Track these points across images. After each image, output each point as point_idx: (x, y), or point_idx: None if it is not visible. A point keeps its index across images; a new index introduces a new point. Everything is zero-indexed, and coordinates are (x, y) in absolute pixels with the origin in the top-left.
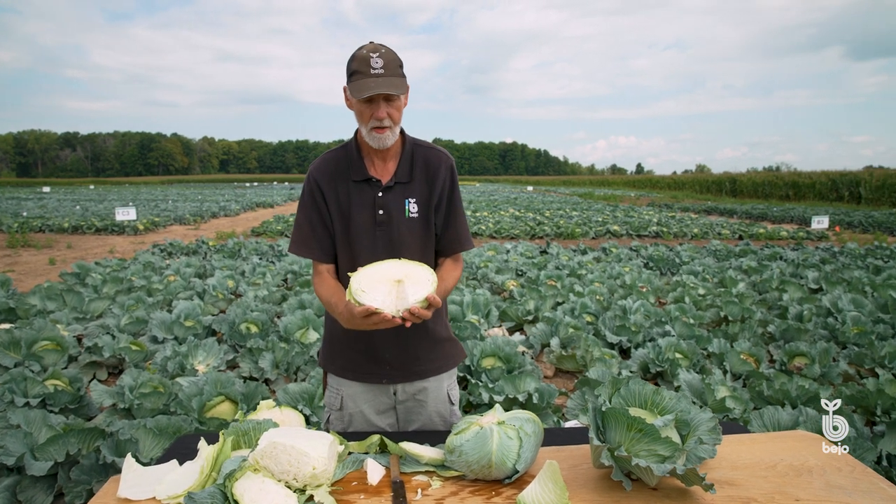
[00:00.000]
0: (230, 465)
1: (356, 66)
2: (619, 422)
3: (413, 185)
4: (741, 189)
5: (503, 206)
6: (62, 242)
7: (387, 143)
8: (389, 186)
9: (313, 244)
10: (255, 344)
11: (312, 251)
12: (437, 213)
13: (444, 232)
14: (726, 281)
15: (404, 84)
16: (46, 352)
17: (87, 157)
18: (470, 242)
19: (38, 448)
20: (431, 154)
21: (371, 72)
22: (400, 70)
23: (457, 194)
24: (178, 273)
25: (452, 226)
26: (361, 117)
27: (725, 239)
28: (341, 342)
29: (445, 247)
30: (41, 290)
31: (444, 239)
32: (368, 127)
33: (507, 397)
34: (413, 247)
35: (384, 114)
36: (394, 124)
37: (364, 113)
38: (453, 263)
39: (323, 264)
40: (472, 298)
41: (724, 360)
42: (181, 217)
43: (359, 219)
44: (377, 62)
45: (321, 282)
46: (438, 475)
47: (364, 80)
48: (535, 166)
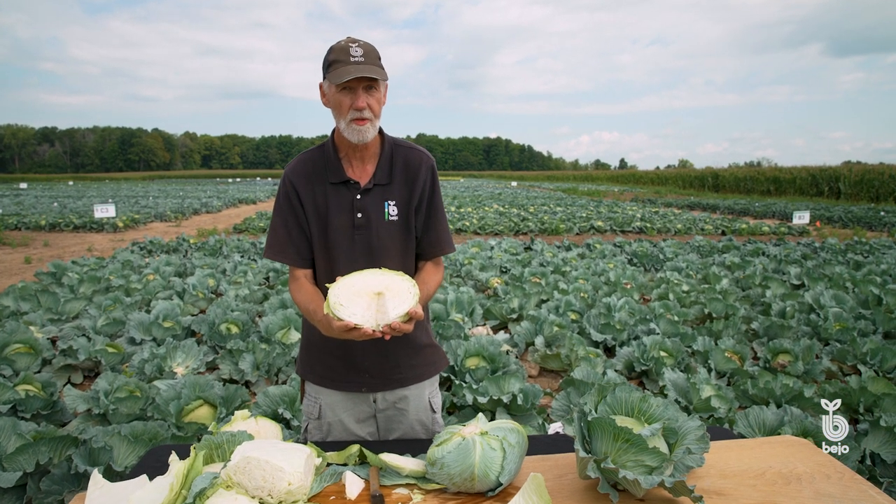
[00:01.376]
0: (201, 482)
1: (335, 56)
2: (606, 432)
3: (393, 187)
4: (723, 184)
5: (487, 202)
6: (39, 240)
7: (367, 137)
8: (368, 189)
9: (289, 249)
10: (236, 345)
11: (289, 256)
12: (418, 216)
13: (425, 235)
14: (710, 277)
15: (385, 73)
16: (19, 355)
17: (65, 152)
18: (451, 245)
19: (7, 458)
20: (411, 154)
21: (351, 59)
22: (380, 62)
23: (437, 196)
24: (157, 272)
25: (433, 229)
26: (340, 109)
27: (708, 234)
28: (319, 349)
29: (426, 250)
30: (15, 291)
31: (424, 242)
32: (348, 119)
33: (492, 398)
34: (393, 251)
35: (364, 103)
36: (374, 117)
37: (343, 104)
38: (434, 267)
39: (300, 269)
40: (456, 297)
41: (709, 358)
42: (162, 214)
43: (336, 222)
44: (357, 51)
45: (298, 288)
46: (420, 488)
47: (344, 67)
48: (519, 161)
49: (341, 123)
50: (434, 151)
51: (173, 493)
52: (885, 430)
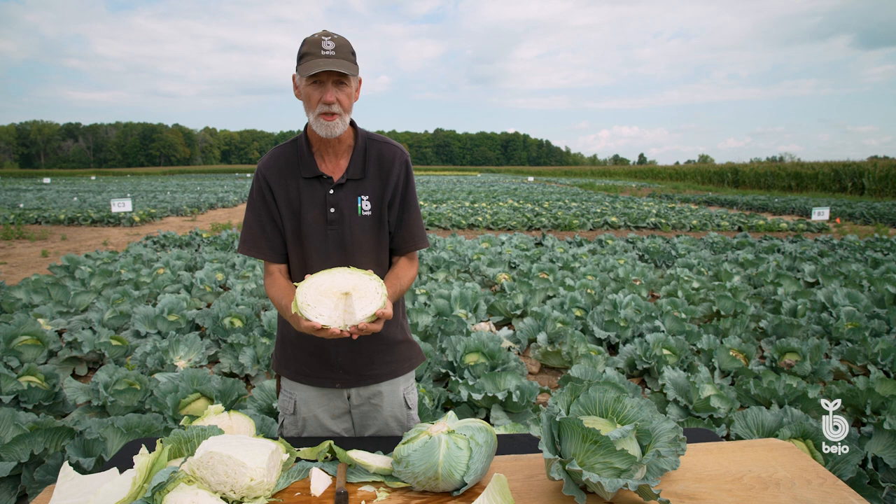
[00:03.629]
0: (160, 476)
1: (306, 49)
2: (574, 432)
3: (366, 181)
4: (743, 180)
5: (502, 197)
6: (57, 234)
7: (335, 132)
8: (341, 184)
9: (263, 244)
10: (237, 339)
11: (263, 251)
12: (391, 211)
13: (398, 230)
14: (721, 274)
15: (355, 69)
16: (26, 347)
17: (89, 147)
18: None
19: (4, 447)
20: (385, 149)
21: (321, 53)
22: (352, 57)
23: (411, 191)
24: (167, 266)
25: (406, 223)
26: (309, 102)
27: (724, 231)
28: (293, 345)
29: (399, 245)
30: (28, 284)
31: (397, 237)
32: (316, 112)
33: (487, 395)
34: (366, 246)
35: (333, 98)
36: (343, 112)
37: (312, 97)
38: (408, 262)
39: (274, 264)
40: (461, 292)
41: (714, 356)
42: (178, 208)
43: (309, 217)
44: (328, 44)
45: (272, 283)
46: (386, 486)
47: (314, 61)
48: (537, 157)
49: (310, 117)
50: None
51: (136, 486)
52: (888, 434)
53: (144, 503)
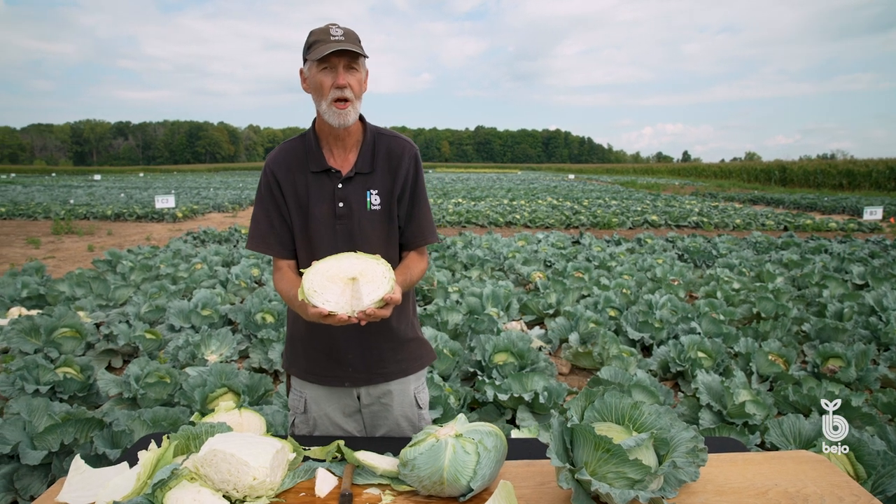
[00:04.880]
0: (162, 473)
1: (315, 38)
2: (586, 440)
3: (375, 175)
4: (791, 177)
5: (541, 195)
6: (104, 229)
7: (348, 121)
8: (350, 177)
9: (272, 240)
10: (267, 335)
11: (271, 247)
12: (400, 205)
13: (408, 224)
14: (763, 275)
15: (364, 50)
16: (65, 339)
17: (138, 145)
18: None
19: (37, 436)
20: (394, 143)
21: (331, 38)
22: (360, 44)
23: (421, 185)
24: (205, 261)
25: (416, 218)
26: (321, 90)
27: (769, 230)
28: (303, 343)
29: (409, 240)
30: (72, 277)
31: (407, 232)
32: (329, 100)
33: (513, 396)
34: (375, 241)
35: (345, 81)
36: (354, 97)
37: (324, 83)
38: (418, 256)
39: (283, 260)
40: (493, 290)
41: (751, 360)
42: (220, 205)
43: (318, 212)
44: (336, 31)
45: (281, 278)
46: (392, 489)
47: (325, 44)
48: (578, 154)
49: (322, 106)
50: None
51: (140, 482)
52: None
53: (146, 500)
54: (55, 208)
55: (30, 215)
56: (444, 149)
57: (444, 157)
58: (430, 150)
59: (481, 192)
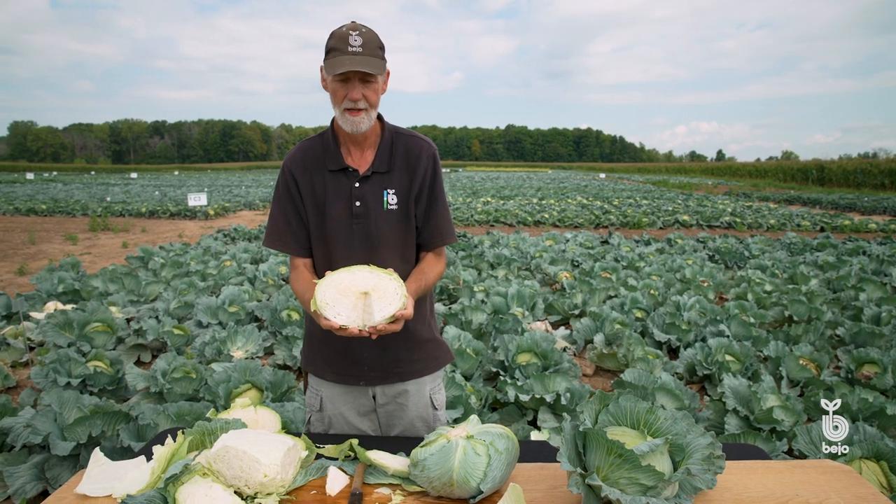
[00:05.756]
0: (175, 468)
1: (333, 44)
2: (599, 444)
3: (392, 175)
4: (830, 177)
5: (571, 194)
6: (138, 226)
7: (360, 128)
8: (367, 176)
9: (288, 238)
10: (292, 332)
11: (287, 245)
12: (418, 205)
13: (425, 225)
14: (797, 277)
15: (382, 66)
16: (97, 333)
17: (173, 144)
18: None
19: (67, 428)
20: (412, 142)
21: (348, 49)
22: (380, 52)
23: (439, 185)
24: (234, 258)
25: (434, 218)
26: (335, 98)
27: (804, 231)
28: (320, 341)
29: (426, 240)
30: (105, 273)
31: (424, 232)
32: (342, 108)
33: (534, 397)
34: (391, 241)
35: (359, 94)
36: (370, 107)
37: (338, 93)
38: (435, 258)
39: (299, 258)
40: (518, 290)
41: (781, 364)
42: (251, 202)
43: (334, 211)
44: (356, 40)
45: (297, 277)
46: (402, 489)
47: (340, 58)
48: (609, 153)
49: (336, 111)
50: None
51: (154, 476)
52: None
53: (157, 493)
54: (93, 206)
55: (69, 212)
56: (474, 147)
57: (474, 156)
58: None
59: (510, 191)
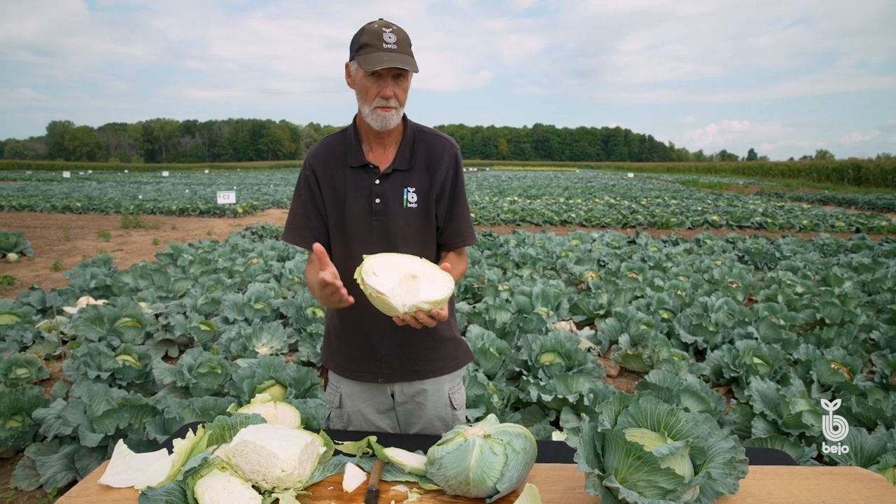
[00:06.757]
0: (194, 461)
1: (367, 40)
2: (617, 446)
3: (413, 173)
4: (867, 177)
5: (598, 194)
6: (168, 224)
7: (390, 125)
8: (387, 174)
9: (306, 233)
10: (317, 329)
11: (305, 240)
12: (439, 205)
13: (447, 225)
14: (830, 279)
15: (415, 63)
16: (126, 328)
17: (204, 143)
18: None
19: (96, 420)
20: (434, 141)
21: (384, 46)
22: (411, 50)
23: (461, 185)
24: (261, 255)
25: (455, 218)
26: (366, 95)
27: (838, 232)
28: (339, 338)
29: (448, 240)
30: (136, 270)
31: (446, 232)
32: (373, 105)
33: (557, 397)
34: (411, 239)
35: (391, 92)
36: (399, 105)
37: (370, 90)
38: (457, 257)
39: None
40: (543, 289)
41: (812, 368)
42: (279, 201)
43: (354, 207)
44: (390, 37)
45: (312, 269)
46: (419, 487)
47: (376, 54)
48: (638, 152)
49: (365, 109)
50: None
51: (174, 469)
52: None
53: (176, 486)
54: (125, 203)
55: (102, 210)
56: (501, 146)
57: (501, 155)
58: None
59: (537, 190)
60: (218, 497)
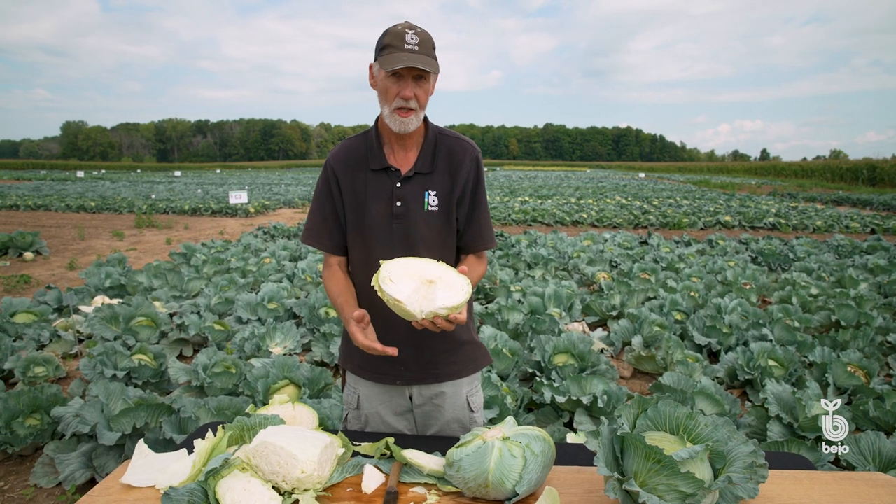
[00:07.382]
0: (215, 462)
1: (389, 41)
2: (637, 450)
3: (434, 176)
4: (882, 177)
5: (610, 194)
6: (181, 223)
7: (409, 128)
8: (408, 177)
9: (324, 235)
10: (330, 329)
11: (322, 242)
12: (460, 208)
13: (468, 228)
14: (845, 280)
15: (437, 65)
16: (141, 327)
17: (215, 143)
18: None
19: (113, 419)
20: (456, 144)
21: (405, 46)
22: (434, 52)
23: (481, 189)
24: (273, 255)
25: (476, 222)
26: (386, 96)
27: (853, 233)
28: None
29: (468, 244)
30: (150, 269)
31: (466, 236)
32: (392, 107)
33: (570, 399)
34: (431, 242)
35: (411, 93)
36: (419, 108)
37: (390, 90)
38: (476, 260)
39: (334, 256)
40: (555, 290)
41: (827, 371)
42: (290, 200)
43: (375, 210)
44: (412, 38)
45: (331, 276)
46: (437, 489)
47: (397, 54)
48: (650, 152)
49: (385, 110)
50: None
51: (195, 469)
52: None
53: (197, 486)
54: (138, 203)
55: (116, 209)
56: (512, 146)
57: (511, 155)
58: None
59: (548, 190)
60: (239, 497)
